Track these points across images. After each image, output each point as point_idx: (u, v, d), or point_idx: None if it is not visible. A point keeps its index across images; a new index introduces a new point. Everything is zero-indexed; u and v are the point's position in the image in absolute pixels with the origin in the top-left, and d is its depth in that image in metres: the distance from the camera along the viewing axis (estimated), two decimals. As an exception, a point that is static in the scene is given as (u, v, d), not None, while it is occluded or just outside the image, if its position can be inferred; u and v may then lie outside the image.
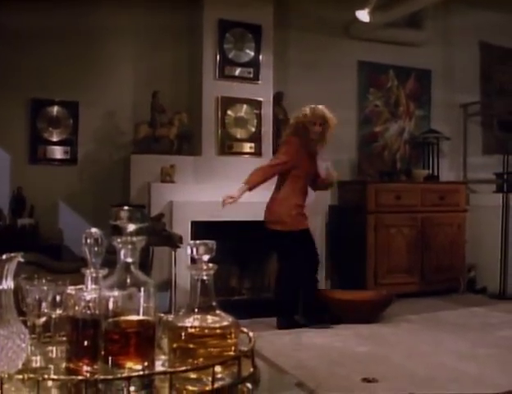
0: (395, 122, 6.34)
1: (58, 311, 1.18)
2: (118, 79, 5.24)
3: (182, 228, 4.65)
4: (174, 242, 4.25)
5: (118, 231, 1.06)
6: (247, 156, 5.25)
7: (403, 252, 5.66)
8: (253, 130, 5.30)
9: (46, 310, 1.18)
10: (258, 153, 5.28)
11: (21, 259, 1.00)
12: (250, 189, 4.15)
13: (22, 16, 4.80)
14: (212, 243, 1.02)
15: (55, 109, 5.09)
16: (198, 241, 1.01)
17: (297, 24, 5.77)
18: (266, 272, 5.41)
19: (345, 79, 6.04)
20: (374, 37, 5.99)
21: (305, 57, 5.78)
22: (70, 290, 1.12)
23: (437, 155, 6.32)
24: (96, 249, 1.08)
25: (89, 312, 1.07)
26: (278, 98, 5.51)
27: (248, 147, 5.27)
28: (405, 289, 5.49)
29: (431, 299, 5.48)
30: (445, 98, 6.49)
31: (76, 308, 1.08)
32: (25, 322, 1.13)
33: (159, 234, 4.16)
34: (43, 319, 1.18)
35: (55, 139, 5.09)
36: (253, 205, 4.41)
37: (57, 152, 5.10)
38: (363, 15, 5.28)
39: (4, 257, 1.00)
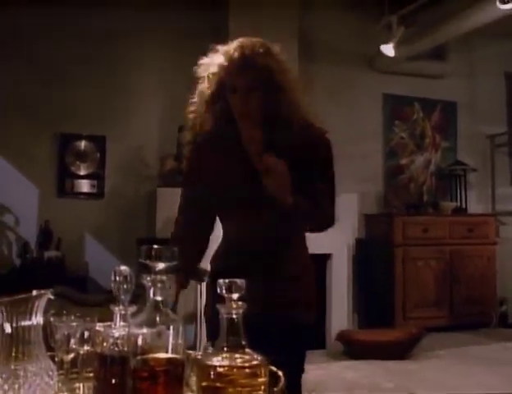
0: (420, 154, 6.30)
1: (86, 347, 1.18)
2: (144, 112, 5.31)
3: (207, 261, 4.62)
4: (199, 276, 4.22)
5: (146, 267, 1.06)
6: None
7: (431, 285, 5.56)
8: (278, 162, 5.30)
9: (74, 346, 1.17)
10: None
11: (51, 296, 1.01)
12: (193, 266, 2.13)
13: (51, 53, 4.94)
14: (241, 282, 1.01)
15: (83, 143, 5.16)
16: (227, 280, 1.00)
17: (321, 57, 5.80)
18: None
19: (371, 111, 6.04)
20: (399, 69, 6.00)
21: (330, 89, 5.80)
22: (99, 326, 1.11)
23: (465, 187, 6.25)
24: (125, 286, 1.08)
25: (117, 349, 1.06)
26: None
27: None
28: (434, 323, 5.37)
29: (461, 333, 5.36)
30: (471, 129, 6.44)
31: (104, 344, 1.07)
32: (52, 358, 1.12)
33: (185, 267, 4.15)
34: (72, 355, 1.18)
35: (82, 172, 5.16)
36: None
37: (85, 185, 5.16)
38: (388, 49, 5.31)
39: (34, 293, 1.01)
